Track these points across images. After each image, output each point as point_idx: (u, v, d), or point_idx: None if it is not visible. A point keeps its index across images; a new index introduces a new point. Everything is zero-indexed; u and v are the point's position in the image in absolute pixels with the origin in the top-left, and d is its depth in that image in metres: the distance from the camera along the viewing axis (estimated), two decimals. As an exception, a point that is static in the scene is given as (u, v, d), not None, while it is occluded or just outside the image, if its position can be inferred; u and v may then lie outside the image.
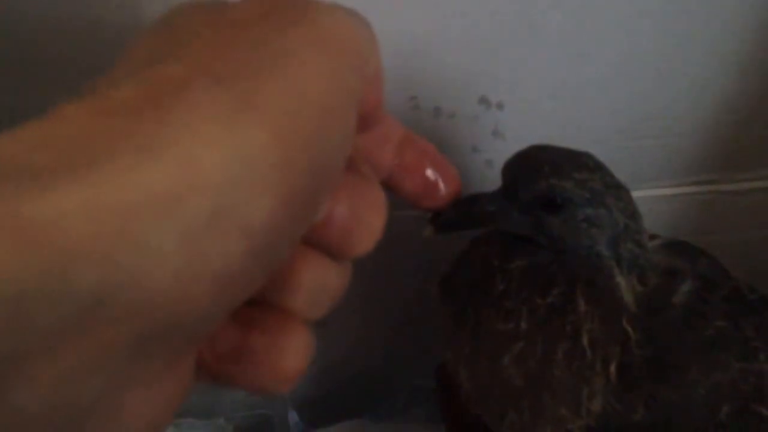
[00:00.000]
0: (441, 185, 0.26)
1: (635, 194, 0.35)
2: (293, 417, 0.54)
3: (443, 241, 0.38)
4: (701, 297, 0.34)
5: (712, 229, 0.50)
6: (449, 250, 0.38)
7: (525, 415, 0.33)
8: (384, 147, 0.24)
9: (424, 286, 0.44)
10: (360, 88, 0.19)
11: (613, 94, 0.44)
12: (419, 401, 0.55)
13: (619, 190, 0.33)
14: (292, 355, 0.19)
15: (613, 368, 0.32)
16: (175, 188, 0.14)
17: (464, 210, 0.31)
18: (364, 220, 0.21)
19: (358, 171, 0.22)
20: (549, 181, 0.32)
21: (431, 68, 0.42)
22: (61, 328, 0.13)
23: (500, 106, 0.44)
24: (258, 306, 0.19)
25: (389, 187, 0.22)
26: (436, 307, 0.38)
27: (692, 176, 0.49)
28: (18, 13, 0.37)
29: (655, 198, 0.46)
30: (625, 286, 0.33)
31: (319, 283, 0.20)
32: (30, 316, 0.12)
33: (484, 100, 0.44)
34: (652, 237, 0.37)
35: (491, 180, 0.45)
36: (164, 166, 0.14)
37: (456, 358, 0.36)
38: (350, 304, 0.54)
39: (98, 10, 0.37)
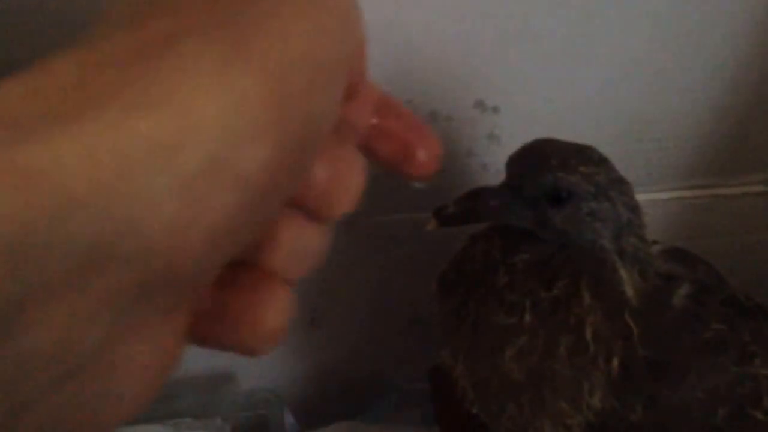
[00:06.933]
0: (419, 150, 0.26)
1: (631, 198, 0.35)
2: (289, 418, 0.54)
3: (438, 244, 0.38)
4: (699, 300, 0.35)
5: (708, 233, 0.51)
6: (445, 253, 0.38)
7: (524, 409, 0.33)
8: (360, 110, 0.24)
9: (419, 288, 0.44)
10: (348, 46, 0.19)
11: (609, 98, 0.44)
12: (413, 403, 0.55)
13: (621, 184, 0.34)
14: (271, 313, 0.19)
15: (615, 363, 0.32)
16: (171, 137, 0.14)
17: (468, 204, 0.31)
18: (344, 182, 0.21)
19: (337, 133, 0.21)
20: (555, 174, 0.32)
21: (427, 72, 0.42)
22: (64, 271, 0.13)
23: (496, 110, 0.44)
24: (239, 265, 0.19)
25: (366, 151, 0.22)
26: (434, 306, 0.38)
27: (687, 181, 0.49)
28: None
29: (650, 202, 0.46)
30: (627, 279, 0.33)
31: (298, 244, 0.20)
32: (33, 256, 0.12)
33: (479, 104, 0.44)
34: (652, 243, 0.37)
35: (487, 183, 0.45)
36: (159, 114, 0.14)
37: (454, 354, 0.36)
38: (345, 307, 0.55)
39: None
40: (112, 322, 0.15)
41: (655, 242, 0.37)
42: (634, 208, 0.34)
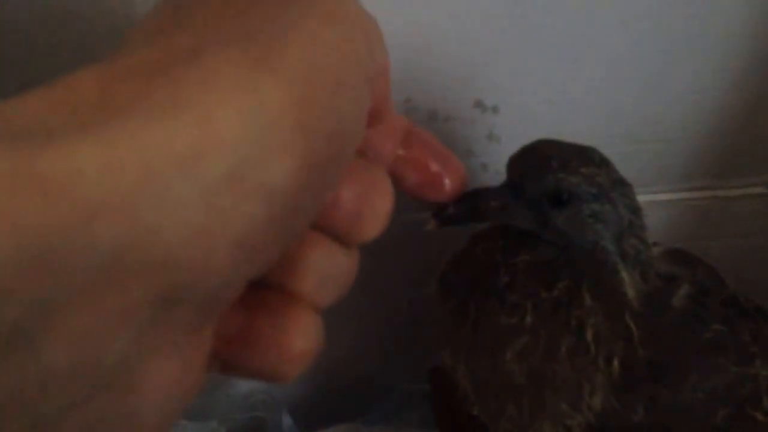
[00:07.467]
0: (445, 178, 0.26)
1: (630, 199, 0.35)
2: (287, 420, 0.54)
3: (439, 245, 0.38)
4: (699, 301, 0.35)
5: (707, 235, 0.51)
6: (444, 253, 0.38)
7: (524, 410, 0.33)
8: (388, 139, 0.24)
9: (418, 289, 0.44)
10: (370, 64, 0.19)
11: (608, 99, 0.44)
12: (413, 405, 0.55)
13: (623, 185, 0.34)
14: (299, 337, 0.19)
15: (615, 364, 0.32)
16: (194, 146, 0.14)
17: (468, 204, 0.31)
18: (372, 205, 0.21)
19: (365, 158, 0.22)
20: (557, 175, 0.31)
21: (427, 71, 0.42)
22: (87, 283, 0.13)
23: (495, 109, 0.44)
24: (266, 290, 0.19)
25: (392, 180, 0.22)
26: (434, 306, 0.38)
27: (687, 182, 0.49)
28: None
29: (650, 203, 0.46)
30: (628, 281, 0.33)
31: (327, 267, 0.21)
32: (55, 267, 0.12)
33: (479, 104, 0.43)
34: (652, 244, 0.37)
35: (486, 183, 0.45)
36: (181, 124, 0.14)
37: (455, 355, 0.36)
38: (344, 308, 0.54)
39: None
40: (135, 336, 0.14)
41: (655, 244, 0.37)
42: (636, 209, 0.34)
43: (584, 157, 0.33)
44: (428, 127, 0.44)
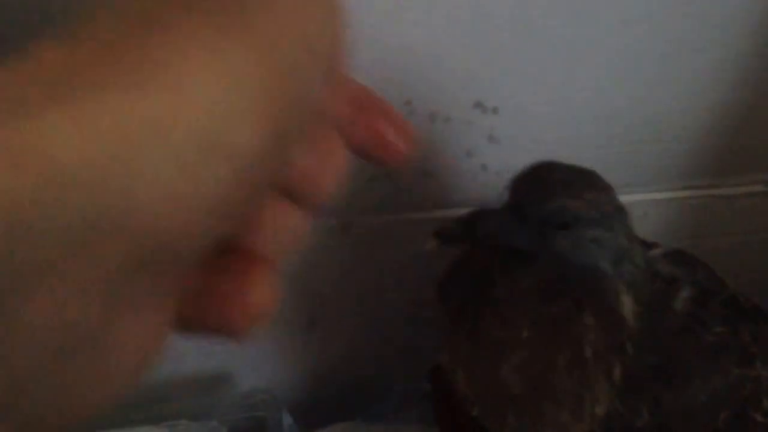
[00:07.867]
0: (391, 135, 0.26)
1: (630, 198, 0.35)
2: (287, 419, 0.54)
3: (439, 247, 0.38)
4: (700, 303, 0.35)
5: (706, 233, 0.51)
6: (444, 255, 0.38)
7: (525, 419, 0.33)
8: (336, 98, 0.24)
9: (418, 288, 0.44)
10: (332, 27, 0.19)
11: (607, 99, 0.44)
12: (412, 403, 0.55)
13: (621, 211, 0.34)
14: (256, 291, 0.19)
15: (617, 373, 0.32)
16: (164, 113, 0.14)
17: (469, 225, 0.31)
18: (325, 166, 0.21)
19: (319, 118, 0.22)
20: (562, 200, 0.32)
21: (427, 73, 0.42)
22: (61, 248, 0.13)
23: (495, 111, 0.44)
24: (223, 250, 0.19)
25: (345, 140, 0.22)
26: (432, 309, 0.38)
27: (686, 181, 0.49)
28: None
29: (649, 202, 0.46)
30: (624, 302, 0.34)
31: (280, 225, 0.21)
32: (29, 235, 0.12)
33: (479, 105, 0.43)
34: (653, 245, 0.37)
35: (485, 184, 0.45)
36: (153, 90, 0.14)
37: (453, 360, 0.36)
38: (344, 308, 0.55)
39: None
40: (109, 299, 0.15)
41: (655, 244, 0.37)
42: (632, 235, 0.34)
43: (588, 182, 0.33)
44: (428, 128, 0.44)
